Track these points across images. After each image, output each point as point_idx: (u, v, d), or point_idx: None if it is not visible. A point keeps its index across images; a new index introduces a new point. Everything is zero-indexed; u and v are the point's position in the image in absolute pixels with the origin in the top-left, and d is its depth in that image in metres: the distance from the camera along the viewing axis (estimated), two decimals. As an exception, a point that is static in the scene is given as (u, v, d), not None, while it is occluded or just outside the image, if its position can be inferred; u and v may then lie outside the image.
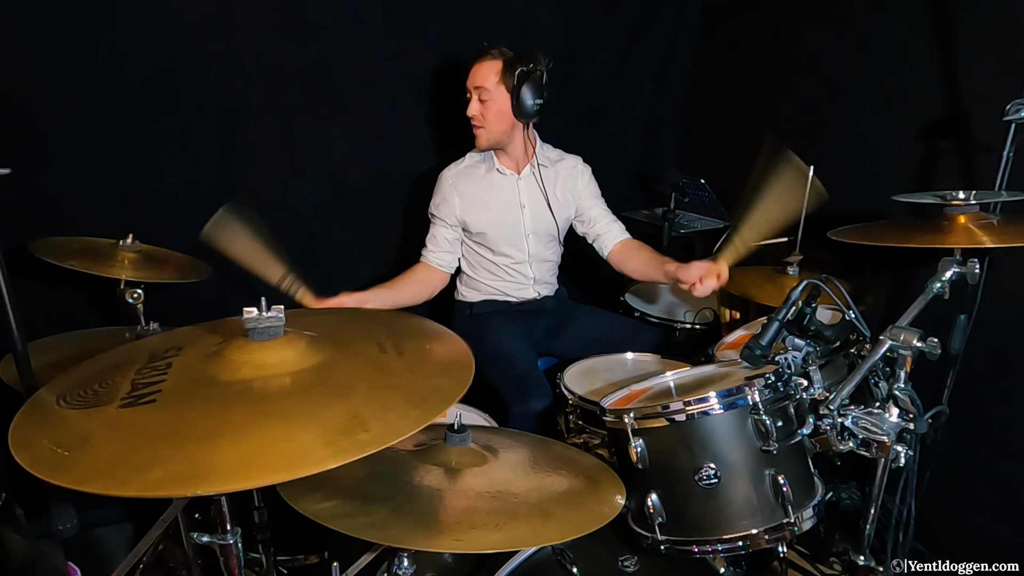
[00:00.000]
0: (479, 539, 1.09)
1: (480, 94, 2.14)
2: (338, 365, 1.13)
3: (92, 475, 0.87)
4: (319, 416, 0.98)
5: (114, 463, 0.89)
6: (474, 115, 2.16)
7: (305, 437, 0.94)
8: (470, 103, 2.16)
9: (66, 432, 0.96)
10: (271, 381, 1.06)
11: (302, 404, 1.02)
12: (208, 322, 1.32)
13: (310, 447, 0.92)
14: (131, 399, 1.02)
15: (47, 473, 0.86)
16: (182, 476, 0.86)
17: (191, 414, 0.99)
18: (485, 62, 2.12)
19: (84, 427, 0.97)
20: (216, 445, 0.92)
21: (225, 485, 0.87)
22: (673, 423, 1.38)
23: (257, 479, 0.87)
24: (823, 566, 2.01)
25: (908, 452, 1.30)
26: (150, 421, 0.98)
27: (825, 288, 1.46)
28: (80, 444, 0.92)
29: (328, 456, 0.89)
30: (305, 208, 2.53)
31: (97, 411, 1.01)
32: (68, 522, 1.56)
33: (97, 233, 1.97)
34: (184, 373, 1.11)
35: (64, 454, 0.90)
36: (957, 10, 2.00)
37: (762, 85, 2.79)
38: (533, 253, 2.36)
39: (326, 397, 1.04)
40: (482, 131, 2.18)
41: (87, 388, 1.08)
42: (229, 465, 0.88)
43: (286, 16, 2.29)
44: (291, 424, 0.97)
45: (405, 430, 0.96)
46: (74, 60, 2.03)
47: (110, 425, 0.97)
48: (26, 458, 0.89)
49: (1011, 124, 1.62)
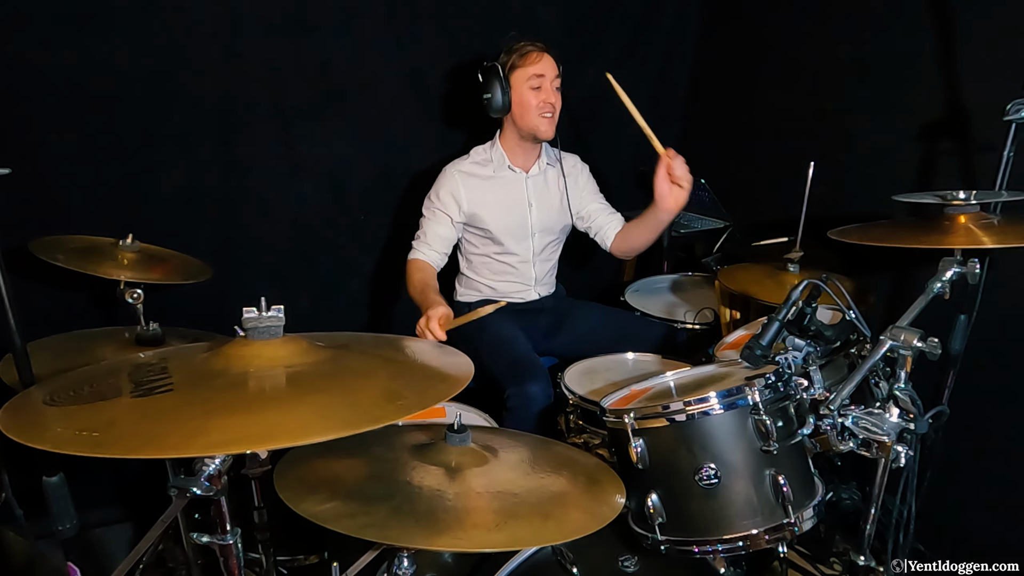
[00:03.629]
0: (479, 539, 1.09)
1: (556, 83, 2.20)
2: (346, 360, 1.16)
3: (142, 445, 0.89)
4: (355, 389, 1.05)
5: (160, 435, 0.92)
6: (554, 103, 2.20)
7: (357, 400, 1.01)
8: (547, 91, 2.18)
9: (82, 421, 0.96)
10: (285, 370, 1.08)
11: (331, 384, 1.07)
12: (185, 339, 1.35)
13: (364, 409, 0.98)
14: (142, 391, 1.03)
15: (89, 450, 0.87)
16: (249, 436, 0.91)
17: (221, 396, 1.01)
18: (549, 53, 2.19)
19: (102, 415, 0.98)
20: (266, 414, 0.97)
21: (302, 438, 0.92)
22: (673, 423, 1.38)
23: (325, 433, 0.92)
24: (823, 566, 2.01)
25: (908, 452, 1.30)
26: (178, 403, 1.00)
27: (825, 288, 1.46)
28: (107, 427, 0.93)
29: (384, 414, 0.96)
30: (305, 208, 2.53)
31: (107, 403, 1.02)
32: (68, 522, 1.56)
33: (97, 233, 1.97)
34: (189, 369, 1.12)
35: (94, 435, 0.90)
36: (957, 10, 2.00)
37: (762, 85, 2.79)
38: (537, 252, 2.37)
39: (354, 378, 1.09)
40: (554, 119, 2.22)
41: (76, 390, 1.08)
42: (292, 424, 0.94)
43: (286, 16, 2.29)
44: (332, 396, 1.02)
45: (438, 397, 1.07)
46: (74, 60, 2.02)
47: (132, 411, 0.99)
48: (52, 443, 0.89)
49: (1011, 124, 1.62)
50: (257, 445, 0.94)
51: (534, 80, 2.17)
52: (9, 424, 0.95)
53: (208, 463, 1.04)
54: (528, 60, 2.17)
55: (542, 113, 2.19)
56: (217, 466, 1.05)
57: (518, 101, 2.19)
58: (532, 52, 2.17)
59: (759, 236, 2.47)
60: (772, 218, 2.50)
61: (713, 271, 2.53)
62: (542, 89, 2.18)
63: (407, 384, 1.14)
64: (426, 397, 1.05)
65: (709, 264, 2.65)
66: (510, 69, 2.18)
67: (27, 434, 0.92)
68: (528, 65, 2.17)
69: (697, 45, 3.14)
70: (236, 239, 2.43)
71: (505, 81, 2.18)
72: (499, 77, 2.17)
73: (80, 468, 1.41)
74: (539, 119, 2.19)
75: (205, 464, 1.04)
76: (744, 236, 2.83)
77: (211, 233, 2.37)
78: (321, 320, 2.55)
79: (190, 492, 1.02)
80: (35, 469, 1.51)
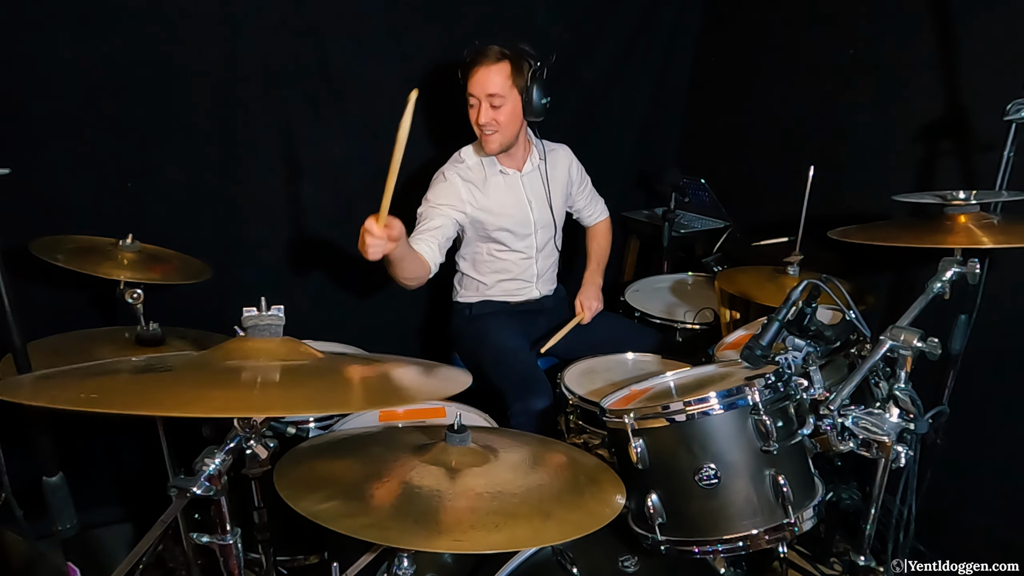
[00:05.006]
0: (479, 539, 1.09)
1: (492, 101, 2.07)
2: (336, 363, 1.15)
3: (140, 404, 0.91)
4: (359, 377, 1.07)
5: (158, 399, 0.93)
6: (487, 122, 2.09)
7: (371, 382, 1.05)
8: (479, 111, 2.09)
9: (81, 388, 0.96)
10: (285, 361, 1.09)
11: (336, 371, 1.08)
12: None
13: (382, 386, 1.03)
14: (140, 370, 1.05)
15: (86, 406, 0.86)
16: (244, 403, 0.93)
17: (226, 375, 1.02)
18: (491, 66, 2.05)
19: (102, 384, 0.98)
20: (289, 388, 0.99)
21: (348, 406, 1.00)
22: (673, 423, 1.38)
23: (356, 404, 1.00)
24: (823, 566, 2.01)
25: (908, 452, 1.30)
26: (176, 379, 1.01)
27: (825, 288, 1.46)
28: (107, 391, 0.94)
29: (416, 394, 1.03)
30: (305, 208, 2.52)
31: (107, 377, 1.02)
32: (68, 522, 1.56)
33: (97, 233, 1.97)
34: (188, 360, 1.12)
35: (92, 396, 0.90)
36: (957, 10, 2.00)
37: (762, 85, 2.79)
38: (539, 248, 2.38)
39: (356, 369, 1.11)
40: (496, 136, 2.12)
41: (70, 374, 1.07)
42: (323, 386, 0.97)
43: (286, 16, 2.28)
44: (347, 377, 1.04)
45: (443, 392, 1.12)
46: (74, 60, 2.02)
47: (132, 382, 1.00)
48: (48, 399, 0.89)
49: (1011, 124, 1.62)
50: (254, 411, 0.95)
51: (470, 99, 2.12)
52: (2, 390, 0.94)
53: (208, 463, 1.04)
54: (469, 76, 2.10)
55: (482, 132, 2.14)
56: (217, 466, 1.05)
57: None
58: (473, 68, 2.08)
59: (759, 236, 2.47)
60: (772, 218, 2.50)
61: (713, 271, 2.53)
62: (475, 108, 2.11)
63: (406, 376, 1.17)
64: (425, 392, 1.09)
65: (709, 264, 2.65)
66: (463, 84, 2.14)
67: (20, 394, 0.92)
68: (468, 82, 2.11)
69: (697, 45, 3.14)
70: (236, 239, 2.42)
71: (463, 93, 2.15)
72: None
73: (80, 468, 1.41)
74: (481, 136, 2.15)
75: (205, 464, 1.04)
76: (744, 236, 2.83)
77: (211, 233, 2.36)
78: (321, 320, 2.54)
79: (190, 492, 1.02)
80: (35, 469, 1.51)
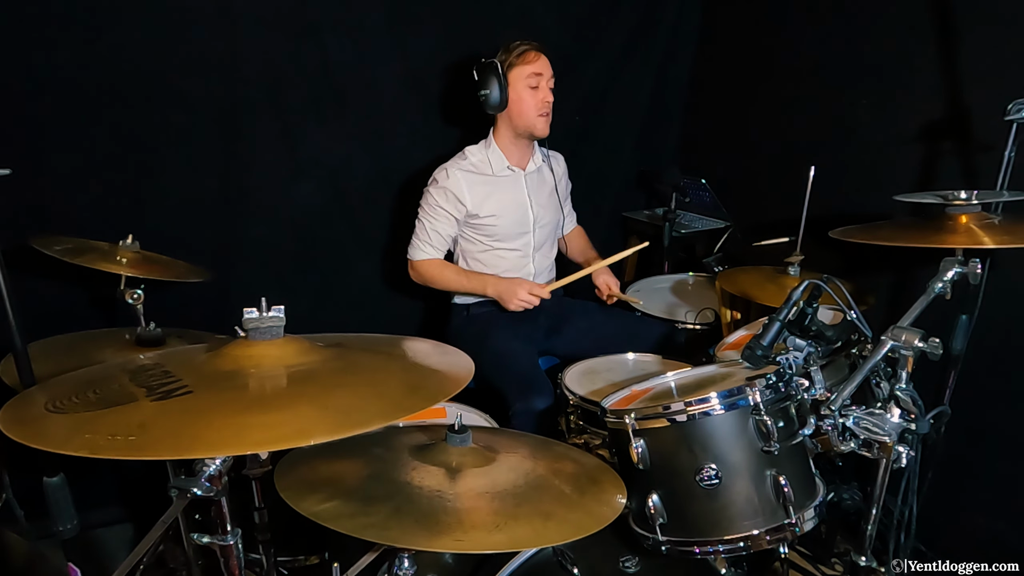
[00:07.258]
0: (480, 540, 1.09)
1: (550, 83, 2.23)
2: (350, 359, 1.17)
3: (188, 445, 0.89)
4: (376, 383, 1.06)
5: (199, 434, 0.91)
6: (550, 102, 2.24)
7: (385, 392, 1.04)
8: (544, 90, 2.22)
9: (108, 426, 0.93)
10: (299, 368, 1.08)
11: (350, 379, 1.08)
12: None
13: (397, 400, 1.01)
14: (159, 395, 1.01)
15: (129, 453, 0.85)
16: (296, 432, 0.92)
17: (247, 397, 1.01)
18: (545, 54, 2.23)
19: (128, 419, 0.95)
20: (303, 410, 0.97)
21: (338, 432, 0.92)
22: (674, 423, 1.38)
23: (373, 422, 0.95)
24: (824, 567, 2.01)
25: (910, 452, 1.30)
26: (207, 405, 0.99)
27: (826, 288, 1.45)
28: (140, 430, 0.91)
29: (420, 402, 1.00)
30: (305, 208, 2.52)
31: (125, 407, 0.99)
32: (68, 523, 1.56)
33: (97, 234, 1.97)
34: (196, 371, 1.10)
35: (130, 438, 0.88)
36: (958, 10, 1.99)
37: (762, 85, 2.79)
38: (537, 246, 2.41)
39: (371, 372, 1.11)
40: (549, 118, 2.26)
41: (79, 395, 1.05)
42: (340, 407, 0.96)
43: (286, 16, 2.28)
44: (357, 390, 1.04)
45: (453, 388, 1.10)
46: (74, 60, 2.02)
47: (158, 413, 0.97)
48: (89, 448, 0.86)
49: (1012, 124, 1.62)
50: (300, 440, 0.92)
51: (532, 79, 2.20)
52: (24, 433, 0.92)
53: (208, 463, 1.04)
54: (526, 59, 2.20)
55: (540, 112, 2.23)
56: (218, 466, 1.04)
57: (516, 99, 2.22)
58: (530, 51, 2.21)
59: (760, 236, 2.47)
60: (773, 218, 2.50)
61: (714, 271, 2.52)
62: (539, 88, 2.21)
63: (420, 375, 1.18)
64: (441, 391, 1.08)
65: (710, 264, 2.65)
66: (508, 67, 2.20)
67: (44, 440, 0.90)
68: (526, 64, 2.20)
69: (697, 45, 3.14)
70: (236, 239, 2.42)
71: (503, 78, 2.19)
72: (497, 74, 2.19)
73: (81, 469, 1.41)
74: (536, 118, 2.23)
75: (206, 465, 1.04)
76: (745, 236, 2.83)
77: (211, 233, 2.36)
78: (321, 320, 2.54)
79: (191, 493, 1.01)
80: (36, 470, 1.51)
